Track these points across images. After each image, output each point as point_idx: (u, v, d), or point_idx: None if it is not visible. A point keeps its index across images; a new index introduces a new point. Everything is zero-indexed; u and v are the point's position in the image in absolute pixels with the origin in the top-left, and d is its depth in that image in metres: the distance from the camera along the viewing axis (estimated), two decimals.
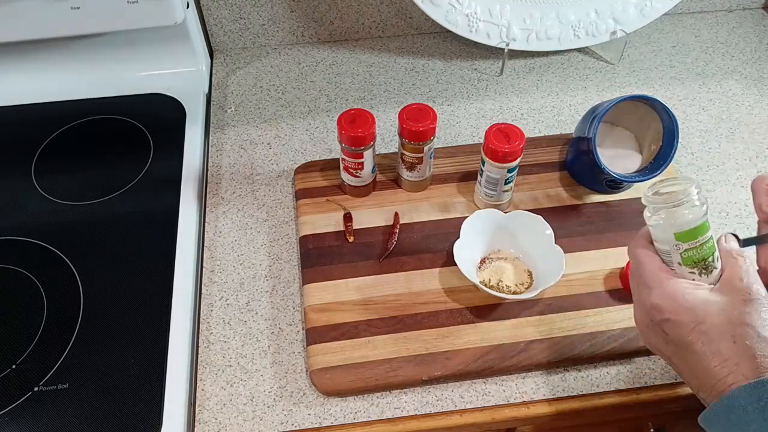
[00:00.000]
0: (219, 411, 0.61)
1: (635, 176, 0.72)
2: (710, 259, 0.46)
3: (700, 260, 0.46)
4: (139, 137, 0.84)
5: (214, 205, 0.78)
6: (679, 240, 0.46)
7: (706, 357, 0.44)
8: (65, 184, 0.79)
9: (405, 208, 0.74)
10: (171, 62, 0.90)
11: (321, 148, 0.84)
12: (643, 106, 0.72)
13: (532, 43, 0.91)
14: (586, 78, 0.93)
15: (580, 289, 0.67)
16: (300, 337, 0.66)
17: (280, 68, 0.95)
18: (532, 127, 0.86)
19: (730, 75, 0.94)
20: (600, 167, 0.70)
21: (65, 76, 0.89)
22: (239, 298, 0.69)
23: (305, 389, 0.62)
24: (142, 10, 0.77)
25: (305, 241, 0.72)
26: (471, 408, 0.61)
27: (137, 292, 0.68)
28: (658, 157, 0.72)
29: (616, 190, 0.75)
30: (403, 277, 0.68)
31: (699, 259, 0.46)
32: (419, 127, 0.68)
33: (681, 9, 1.02)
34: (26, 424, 0.59)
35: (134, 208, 0.76)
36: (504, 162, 0.68)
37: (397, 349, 0.63)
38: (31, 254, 0.72)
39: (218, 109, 0.89)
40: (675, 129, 0.70)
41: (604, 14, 0.90)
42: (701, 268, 0.46)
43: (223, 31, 0.95)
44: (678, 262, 0.47)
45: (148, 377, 0.62)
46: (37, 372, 0.63)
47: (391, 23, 0.98)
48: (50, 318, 0.67)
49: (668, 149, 0.71)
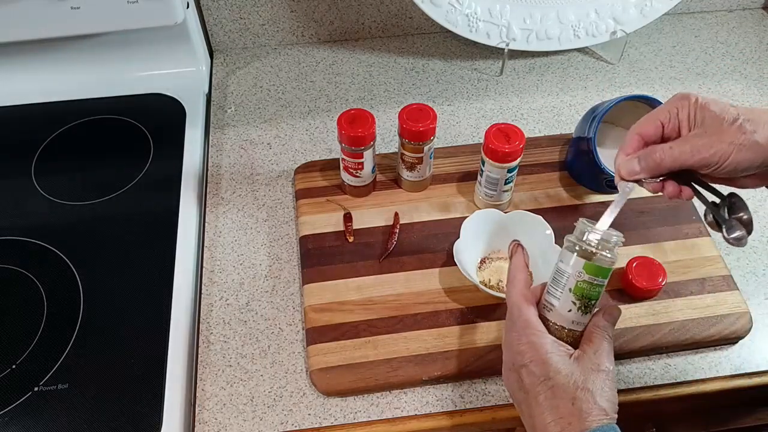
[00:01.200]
0: (219, 411, 0.61)
1: None
2: (593, 303, 0.50)
3: (586, 297, 0.50)
4: (139, 137, 0.84)
5: (214, 205, 0.78)
6: (585, 270, 0.49)
7: (545, 411, 0.48)
8: (65, 184, 0.79)
9: (405, 208, 0.74)
10: (171, 62, 0.90)
11: (321, 148, 0.84)
12: (643, 106, 0.72)
13: (532, 43, 0.91)
14: (586, 78, 0.93)
15: None
16: (300, 337, 0.66)
17: (280, 68, 0.95)
18: (532, 127, 0.86)
19: (730, 75, 0.94)
20: (600, 167, 0.70)
21: (65, 76, 0.89)
22: (239, 298, 0.69)
23: (305, 389, 0.62)
24: (142, 10, 0.77)
25: (305, 241, 0.72)
26: (471, 408, 0.61)
27: (137, 292, 0.68)
28: None
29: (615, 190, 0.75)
30: (403, 277, 0.68)
31: (586, 296, 0.50)
32: (419, 127, 0.68)
33: (681, 9, 1.02)
34: (26, 424, 0.59)
35: (134, 208, 0.76)
36: (504, 162, 0.68)
37: (397, 349, 0.63)
38: (31, 254, 0.72)
39: (218, 109, 0.89)
40: None
41: (604, 14, 0.90)
42: (583, 303, 0.50)
43: (223, 31, 0.95)
44: (570, 288, 0.50)
45: (148, 377, 0.62)
46: (37, 372, 0.63)
47: (391, 23, 0.98)
48: (50, 318, 0.67)
49: None
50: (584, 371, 0.48)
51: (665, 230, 0.72)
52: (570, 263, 0.50)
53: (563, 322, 0.51)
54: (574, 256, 0.50)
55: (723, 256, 0.70)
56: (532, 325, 0.50)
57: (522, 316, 0.51)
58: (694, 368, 0.64)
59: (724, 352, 0.65)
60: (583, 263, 0.49)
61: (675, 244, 0.71)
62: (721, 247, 0.71)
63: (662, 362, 0.64)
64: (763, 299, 0.69)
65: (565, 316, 0.50)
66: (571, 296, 0.50)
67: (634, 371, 0.64)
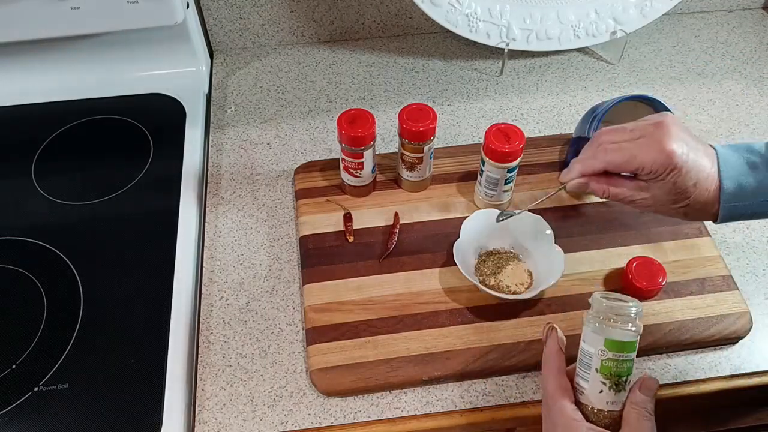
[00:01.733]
0: (219, 411, 0.61)
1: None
2: (624, 379, 0.48)
3: (615, 374, 0.48)
4: (139, 137, 0.84)
5: (214, 205, 0.78)
6: (606, 347, 0.48)
7: None
8: (65, 184, 0.79)
9: (405, 208, 0.74)
10: (171, 62, 0.90)
11: (321, 148, 0.84)
12: (643, 106, 0.72)
13: (532, 43, 0.91)
14: (586, 78, 0.93)
15: (580, 289, 0.67)
16: (300, 337, 0.66)
17: (280, 68, 0.95)
18: (532, 127, 0.86)
19: (730, 75, 0.94)
20: None
21: (65, 76, 0.89)
22: (239, 298, 0.69)
23: (305, 389, 0.62)
24: (142, 10, 0.77)
25: (305, 241, 0.72)
26: (471, 408, 0.61)
27: (137, 292, 0.68)
28: None
29: None
30: (403, 277, 0.68)
31: (615, 374, 0.48)
32: (419, 127, 0.68)
33: (681, 9, 1.02)
34: (26, 424, 0.59)
35: (134, 208, 0.76)
36: (504, 162, 0.68)
37: (397, 349, 0.63)
38: (31, 254, 0.72)
39: (218, 109, 0.89)
40: None
41: (604, 14, 0.90)
42: (613, 382, 0.48)
43: (223, 31, 0.95)
44: (596, 368, 0.48)
45: (148, 377, 0.62)
46: (37, 372, 0.63)
47: (391, 23, 0.98)
48: (50, 318, 0.67)
49: None
50: None
51: (665, 230, 0.72)
52: (592, 342, 0.48)
53: (598, 404, 0.48)
54: (593, 334, 0.48)
55: (723, 256, 0.70)
56: (567, 414, 0.49)
57: (556, 405, 0.49)
58: (694, 368, 0.64)
59: (724, 352, 0.65)
60: (603, 340, 0.48)
61: (675, 244, 0.71)
62: (721, 247, 0.71)
63: (662, 362, 0.64)
64: (763, 299, 0.69)
65: (598, 398, 0.48)
66: (599, 377, 0.48)
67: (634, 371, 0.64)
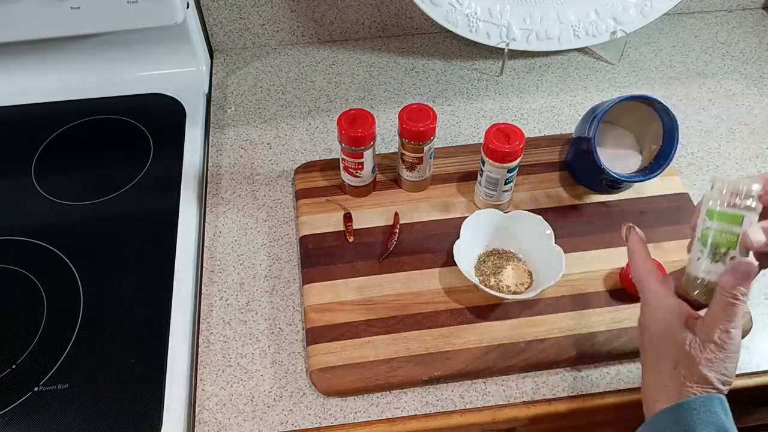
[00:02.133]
0: (219, 411, 0.61)
1: (635, 176, 0.72)
2: (722, 250, 0.49)
3: (713, 244, 0.49)
4: (139, 137, 0.84)
5: (214, 205, 0.78)
6: (708, 216, 0.50)
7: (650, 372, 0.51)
8: (65, 184, 0.79)
9: (405, 208, 0.74)
10: (171, 62, 0.90)
11: (321, 148, 0.84)
12: (643, 106, 0.72)
13: (532, 43, 0.91)
14: (586, 78, 0.93)
15: (580, 289, 0.67)
16: (300, 338, 0.66)
17: (280, 68, 0.95)
18: (532, 127, 0.86)
19: (730, 75, 0.94)
20: (600, 167, 0.70)
21: (65, 76, 0.89)
22: (239, 298, 0.69)
23: (305, 389, 0.62)
24: (142, 10, 0.77)
25: (305, 241, 0.72)
26: (471, 408, 0.61)
27: (137, 292, 0.68)
28: (658, 157, 0.72)
29: (616, 190, 0.75)
30: (403, 277, 0.68)
31: (714, 243, 0.49)
32: (419, 127, 0.68)
33: (681, 9, 1.02)
34: (26, 424, 0.59)
35: (134, 208, 0.76)
36: (504, 162, 0.68)
37: (397, 349, 0.63)
38: (31, 254, 0.72)
39: (218, 109, 0.89)
40: (675, 129, 0.70)
41: (604, 14, 0.90)
42: (711, 251, 0.49)
43: (223, 31, 0.95)
44: (698, 237, 0.51)
45: (148, 377, 0.62)
46: (37, 372, 0.63)
47: (391, 23, 0.98)
48: (50, 318, 0.67)
49: (668, 149, 0.71)
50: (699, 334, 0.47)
51: (665, 230, 0.72)
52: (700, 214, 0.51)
53: (695, 271, 0.50)
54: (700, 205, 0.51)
55: None
56: (652, 290, 0.52)
57: (643, 285, 0.53)
58: None
59: None
60: (705, 210, 0.50)
61: (675, 244, 0.71)
62: None
63: None
64: (763, 299, 0.69)
65: (695, 265, 0.50)
66: (698, 245, 0.50)
67: (635, 371, 0.64)
